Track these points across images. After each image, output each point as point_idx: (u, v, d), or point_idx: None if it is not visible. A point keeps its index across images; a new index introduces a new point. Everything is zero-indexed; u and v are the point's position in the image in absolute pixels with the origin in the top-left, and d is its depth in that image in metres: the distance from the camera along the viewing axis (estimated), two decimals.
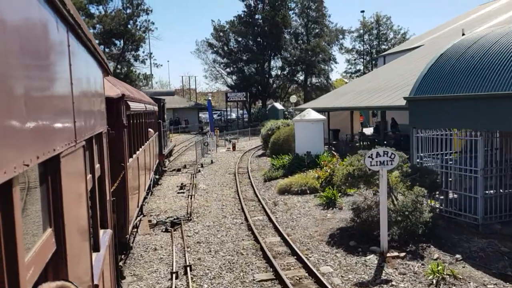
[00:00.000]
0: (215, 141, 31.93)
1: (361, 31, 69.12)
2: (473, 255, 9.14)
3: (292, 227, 11.92)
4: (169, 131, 35.49)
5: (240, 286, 8.39)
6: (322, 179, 15.71)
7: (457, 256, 9.04)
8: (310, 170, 17.65)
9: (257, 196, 15.94)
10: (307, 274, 8.72)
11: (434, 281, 7.97)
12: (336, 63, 71.82)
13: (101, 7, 52.73)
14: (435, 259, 8.98)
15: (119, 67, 54.31)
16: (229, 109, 61.26)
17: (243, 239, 11.14)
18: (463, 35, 28.06)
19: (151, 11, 63.19)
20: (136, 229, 11.42)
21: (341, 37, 67.18)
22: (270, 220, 12.66)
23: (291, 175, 17.72)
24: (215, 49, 62.76)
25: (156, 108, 19.04)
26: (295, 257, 9.66)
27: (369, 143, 26.86)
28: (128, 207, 8.70)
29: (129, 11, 54.58)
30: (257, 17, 60.22)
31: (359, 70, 70.30)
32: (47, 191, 2.32)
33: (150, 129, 15.62)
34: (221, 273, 9.00)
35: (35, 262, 1.91)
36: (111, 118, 6.80)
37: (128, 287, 8.52)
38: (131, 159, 9.51)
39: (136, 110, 10.64)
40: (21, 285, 1.60)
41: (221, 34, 61.50)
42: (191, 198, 16.05)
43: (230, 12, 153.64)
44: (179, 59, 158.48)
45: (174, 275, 8.78)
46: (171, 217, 13.44)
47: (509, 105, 9.71)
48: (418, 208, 9.78)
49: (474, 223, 10.73)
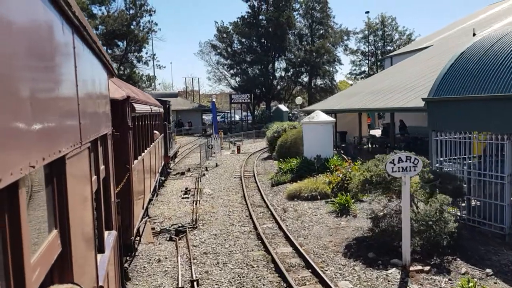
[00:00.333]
0: (220, 144, 31.25)
1: (366, 32, 68.38)
2: (504, 269, 8.42)
3: (304, 236, 11.22)
4: (173, 133, 34.95)
5: None
6: (333, 184, 14.98)
7: (488, 270, 8.31)
8: (320, 174, 16.92)
9: (265, 201, 15.24)
10: None
11: None
12: (341, 64, 70.92)
13: (103, 8, 52.13)
14: (463, 274, 8.27)
15: (122, 68, 53.69)
16: (232, 111, 60.54)
17: (252, 250, 10.44)
18: (474, 35, 27.33)
19: (154, 11, 62.97)
20: (141, 231, 10.96)
21: (345, 38, 66.22)
22: (280, 228, 11.96)
23: (300, 179, 16.99)
24: (218, 51, 62.10)
25: (161, 110, 19.17)
26: (310, 270, 8.96)
27: (377, 146, 26.19)
28: (133, 208, 8.70)
29: (132, 11, 54.00)
30: (261, 18, 59.45)
31: (364, 71, 69.61)
32: (52, 193, 2.32)
33: (155, 131, 15.60)
34: None
35: (41, 263, 1.91)
36: (116, 120, 6.79)
37: None
38: (136, 161, 9.49)
39: (141, 112, 10.62)
40: (27, 287, 1.59)
41: (225, 35, 60.83)
42: (196, 203, 15.36)
43: (233, 13, 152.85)
44: (182, 60, 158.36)
45: None
46: (176, 224, 12.76)
47: None
48: (442, 217, 9.07)
49: (500, 233, 10.01)
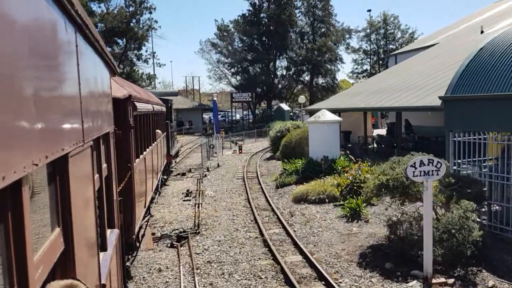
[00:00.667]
0: (221, 143, 30.59)
1: (368, 30, 67.69)
2: None
3: (314, 243, 10.54)
4: (175, 132, 34.42)
5: None
6: (342, 187, 14.29)
7: None
8: (327, 176, 16.24)
9: (270, 205, 14.56)
10: None
11: None
12: (342, 63, 70.21)
13: (102, 5, 51.27)
14: (491, 287, 7.61)
15: (122, 66, 52.93)
16: (233, 109, 59.82)
17: (259, 258, 9.77)
18: (482, 32, 26.57)
19: (154, 9, 62.10)
20: (143, 231, 10.52)
21: (347, 36, 65.41)
22: (288, 234, 11.28)
23: (306, 181, 16.30)
24: (219, 49, 61.39)
25: (164, 108, 18.87)
26: (323, 282, 8.28)
27: (383, 146, 25.50)
28: (135, 207, 8.63)
29: (131, 9, 53.16)
30: (262, 15, 58.69)
31: (366, 70, 68.92)
32: (55, 191, 2.31)
33: (158, 130, 15.26)
34: None
35: (44, 261, 1.90)
36: (118, 118, 6.73)
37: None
38: (138, 160, 9.44)
39: (143, 110, 10.55)
40: (30, 284, 1.58)
41: (225, 33, 60.11)
42: (198, 207, 14.68)
43: (234, 11, 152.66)
44: (183, 59, 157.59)
45: None
46: (177, 229, 12.09)
47: None
48: (466, 225, 8.39)
49: None
